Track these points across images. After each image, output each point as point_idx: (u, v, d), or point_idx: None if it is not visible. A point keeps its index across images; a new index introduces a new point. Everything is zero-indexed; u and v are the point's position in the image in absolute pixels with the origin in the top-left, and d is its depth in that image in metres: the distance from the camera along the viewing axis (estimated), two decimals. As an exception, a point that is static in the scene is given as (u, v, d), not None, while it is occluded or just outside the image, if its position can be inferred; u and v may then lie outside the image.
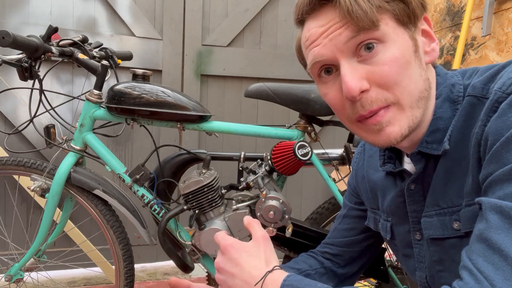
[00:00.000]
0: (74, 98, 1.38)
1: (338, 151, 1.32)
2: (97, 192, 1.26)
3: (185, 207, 1.18)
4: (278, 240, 1.22)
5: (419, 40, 0.60)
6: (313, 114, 1.24)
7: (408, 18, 0.58)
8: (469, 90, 0.59)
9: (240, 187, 1.17)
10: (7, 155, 1.39)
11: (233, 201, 1.19)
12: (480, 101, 0.56)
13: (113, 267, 1.35)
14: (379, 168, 0.74)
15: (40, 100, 1.27)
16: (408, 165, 0.69)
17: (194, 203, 1.16)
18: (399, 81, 0.56)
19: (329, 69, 0.61)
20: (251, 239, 0.70)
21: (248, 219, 0.73)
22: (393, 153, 0.72)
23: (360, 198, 0.87)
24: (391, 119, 0.58)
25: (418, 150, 0.63)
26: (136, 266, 1.40)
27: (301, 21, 0.63)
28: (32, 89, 1.27)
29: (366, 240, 0.87)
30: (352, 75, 0.56)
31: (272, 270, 0.63)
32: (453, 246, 0.61)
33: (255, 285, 0.62)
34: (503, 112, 0.50)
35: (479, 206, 0.51)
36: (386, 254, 1.31)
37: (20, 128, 1.33)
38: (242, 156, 1.25)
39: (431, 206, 0.64)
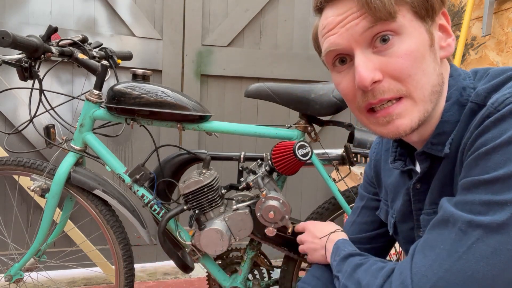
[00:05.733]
0: (74, 98, 1.37)
1: (338, 151, 1.32)
2: (97, 192, 1.26)
3: (185, 207, 1.18)
4: (278, 240, 1.22)
5: (436, 34, 0.60)
6: (313, 114, 1.24)
7: (426, 11, 0.57)
8: (473, 96, 0.59)
9: (240, 187, 1.17)
10: (7, 155, 1.39)
11: (233, 201, 1.19)
12: (481, 109, 0.56)
13: (113, 267, 1.35)
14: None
15: (40, 100, 1.27)
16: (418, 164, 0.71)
17: (194, 203, 1.16)
18: (412, 74, 0.57)
19: (344, 58, 0.61)
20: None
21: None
22: (404, 150, 0.72)
23: (376, 188, 0.86)
24: (403, 111, 0.58)
25: (422, 151, 0.64)
26: (136, 266, 1.40)
27: (319, 9, 0.64)
28: (32, 89, 1.27)
29: (387, 234, 0.83)
30: (366, 65, 0.57)
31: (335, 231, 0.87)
32: None
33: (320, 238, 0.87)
34: (486, 128, 0.52)
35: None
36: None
37: (20, 128, 1.33)
38: (242, 156, 1.25)
39: (429, 205, 0.66)
